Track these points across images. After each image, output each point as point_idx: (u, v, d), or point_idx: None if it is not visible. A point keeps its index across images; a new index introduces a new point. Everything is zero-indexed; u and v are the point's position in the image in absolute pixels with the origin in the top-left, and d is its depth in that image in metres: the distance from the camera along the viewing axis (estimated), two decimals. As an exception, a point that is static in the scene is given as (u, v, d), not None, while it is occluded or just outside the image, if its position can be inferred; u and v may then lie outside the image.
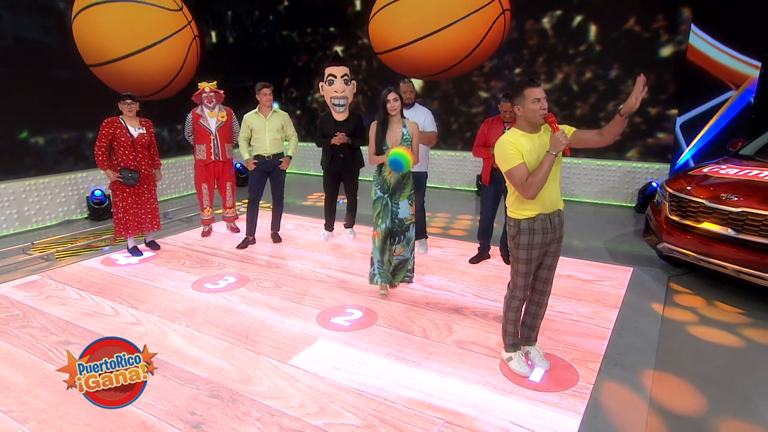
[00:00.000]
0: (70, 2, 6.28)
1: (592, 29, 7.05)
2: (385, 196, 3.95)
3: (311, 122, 9.74)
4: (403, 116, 3.92)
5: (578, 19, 7.11)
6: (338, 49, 8.50)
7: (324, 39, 9.36)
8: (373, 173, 4.00)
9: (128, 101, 4.71)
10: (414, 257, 4.19)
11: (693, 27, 6.16)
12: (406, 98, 4.84)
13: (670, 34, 6.60)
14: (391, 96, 3.80)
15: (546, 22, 7.32)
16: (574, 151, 7.40)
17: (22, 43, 5.93)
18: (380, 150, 3.85)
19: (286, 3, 9.63)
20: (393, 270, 4.10)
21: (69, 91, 6.39)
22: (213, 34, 7.62)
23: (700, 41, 6.09)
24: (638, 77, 2.50)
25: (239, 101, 5.17)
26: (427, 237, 5.22)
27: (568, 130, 2.70)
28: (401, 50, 8.00)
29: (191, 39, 7.00)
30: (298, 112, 10.00)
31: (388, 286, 4.11)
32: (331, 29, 9.27)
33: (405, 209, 3.99)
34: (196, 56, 7.34)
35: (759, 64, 5.62)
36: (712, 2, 6.03)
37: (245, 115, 5.23)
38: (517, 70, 7.64)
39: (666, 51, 6.66)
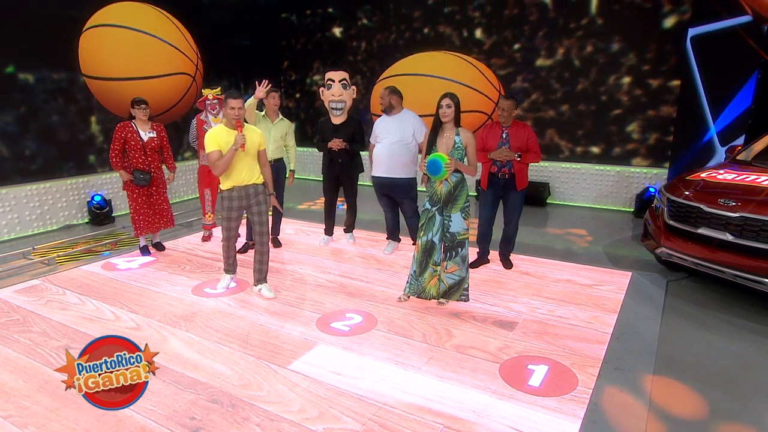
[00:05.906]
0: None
1: (593, 1, 6.94)
2: (433, 208, 3.77)
3: (310, 105, 9.87)
4: (458, 125, 3.70)
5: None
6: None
7: (323, 20, 9.38)
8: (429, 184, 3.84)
9: (142, 106, 4.85)
10: (469, 274, 3.92)
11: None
12: (378, 103, 4.81)
13: (672, 5, 6.48)
14: (444, 102, 3.64)
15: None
16: (573, 156, 7.53)
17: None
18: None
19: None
20: (448, 290, 3.87)
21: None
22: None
23: None
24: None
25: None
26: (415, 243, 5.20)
27: (262, 144, 4.02)
28: None
29: (190, 83, 6.83)
30: (298, 95, 10.00)
31: (413, 296, 4.03)
32: (330, 10, 9.31)
33: (458, 222, 3.74)
34: (192, 100, 7.24)
35: None
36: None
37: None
38: (516, 46, 7.58)
39: (669, 21, 6.54)
